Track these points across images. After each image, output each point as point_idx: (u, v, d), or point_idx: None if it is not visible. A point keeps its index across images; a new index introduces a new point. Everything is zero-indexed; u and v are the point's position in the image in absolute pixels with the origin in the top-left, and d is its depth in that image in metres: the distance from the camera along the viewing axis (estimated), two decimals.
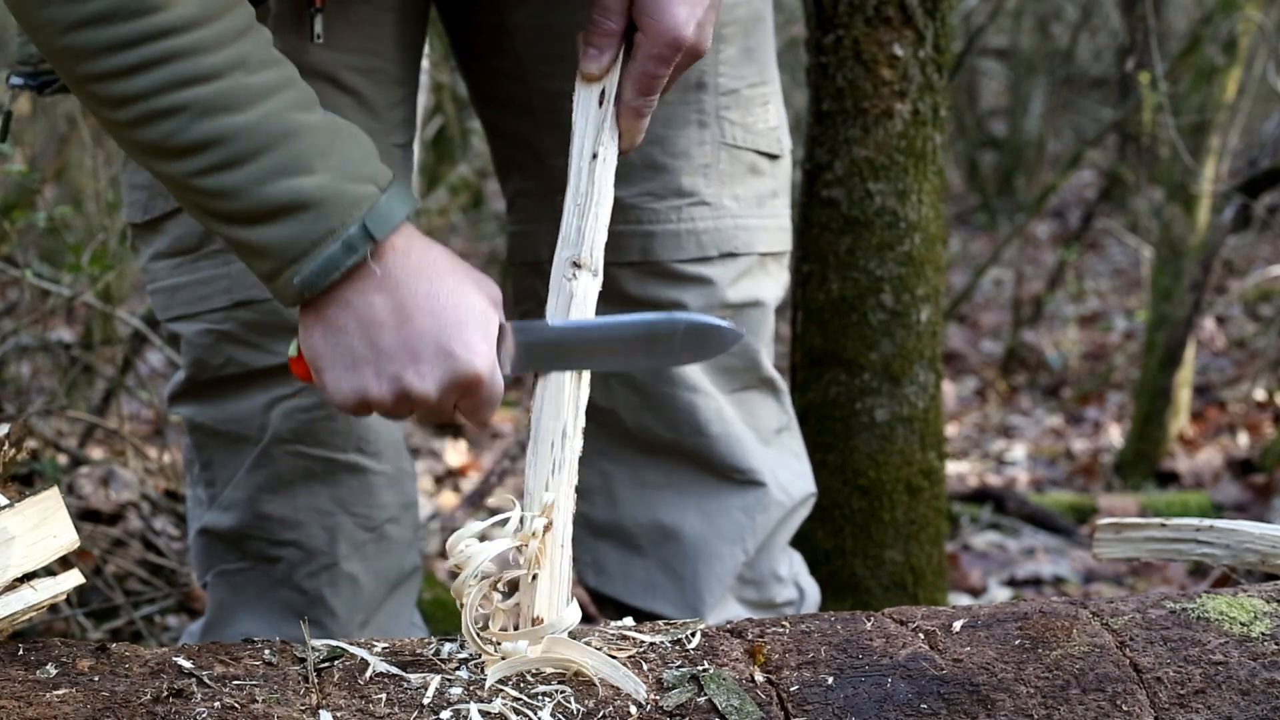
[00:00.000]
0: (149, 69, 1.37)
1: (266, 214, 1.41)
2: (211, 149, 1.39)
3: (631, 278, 1.87)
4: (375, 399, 1.45)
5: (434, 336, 1.43)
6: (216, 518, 1.90)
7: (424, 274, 1.44)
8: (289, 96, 1.42)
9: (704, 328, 1.49)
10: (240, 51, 1.40)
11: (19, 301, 3.52)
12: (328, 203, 1.41)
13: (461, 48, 1.95)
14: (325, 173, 1.41)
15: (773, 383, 1.98)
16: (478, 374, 1.43)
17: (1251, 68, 4.67)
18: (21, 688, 1.26)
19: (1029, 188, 8.33)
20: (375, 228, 1.42)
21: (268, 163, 1.40)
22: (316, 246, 1.41)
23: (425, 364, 1.43)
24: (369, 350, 1.43)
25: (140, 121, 1.39)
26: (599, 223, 1.53)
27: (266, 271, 1.44)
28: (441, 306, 1.43)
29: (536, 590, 1.39)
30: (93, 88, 1.40)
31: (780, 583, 2.01)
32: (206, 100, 1.38)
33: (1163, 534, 1.61)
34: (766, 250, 1.92)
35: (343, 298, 1.44)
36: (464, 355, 1.43)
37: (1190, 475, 4.37)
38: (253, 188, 1.40)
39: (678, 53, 1.53)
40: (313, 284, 1.42)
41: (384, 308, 1.43)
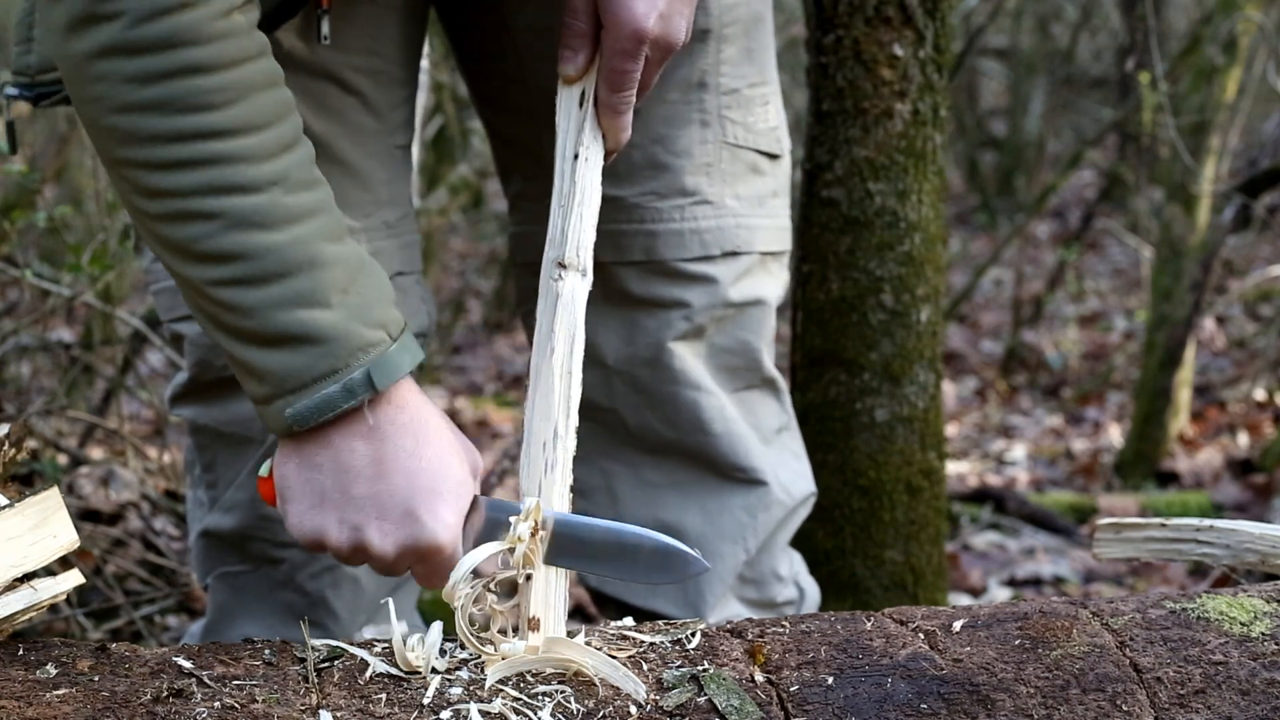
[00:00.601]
0: (191, 168, 1.35)
1: (274, 339, 1.39)
2: (234, 262, 1.37)
3: (635, 277, 1.87)
4: (332, 543, 1.43)
5: (404, 499, 1.41)
6: (218, 519, 1.90)
7: (412, 433, 1.42)
8: (321, 223, 1.40)
9: (668, 551, 1.44)
10: (283, 167, 1.38)
11: (19, 301, 3.52)
12: (336, 341, 1.39)
13: (462, 49, 1.95)
14: (340, 309, 1.39)
15: (774, 382, 1.98)
16: (439, 546, 1.41)
17: (1251, 68, 4.67)
18: (21, 688, 1.26)
19: (1029, 188, 8.34)
20: (378, 377, 1.40)
21: (287, 289, 1.37)
22: (316, 383, 1.39)
23: (389, 523, 1.41)
24: (338, 495, 1.42)
25: (170, 219, 1.37)
26: (584, 223, 1.53)
27: (261, 395, 1.42)
28: (419, 470, 1.41)
29: (531, 591, 1.39)
30: (130, 173, 1.37)
31: (780, 582, 2.01)
32: (241, 212, 1.36)
33: (1163, 534, 1.61)
34: (767, 249, 1.92)
35: (327, 438, 1.42)
36: (430, 524, 1.41)
37: (1190, 475, 4.37)
38: (267, 310, 1.38)
39: (641, 45, 1.53)
40: (303, 419, 1.40)
41: (364, 457, 1.41)
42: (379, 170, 1.80)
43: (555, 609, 1.40)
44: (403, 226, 1.85)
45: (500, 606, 1.39)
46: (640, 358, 1.89)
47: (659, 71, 1.59)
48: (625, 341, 1.90)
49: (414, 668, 1.33)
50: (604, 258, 1.87)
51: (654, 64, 1.57)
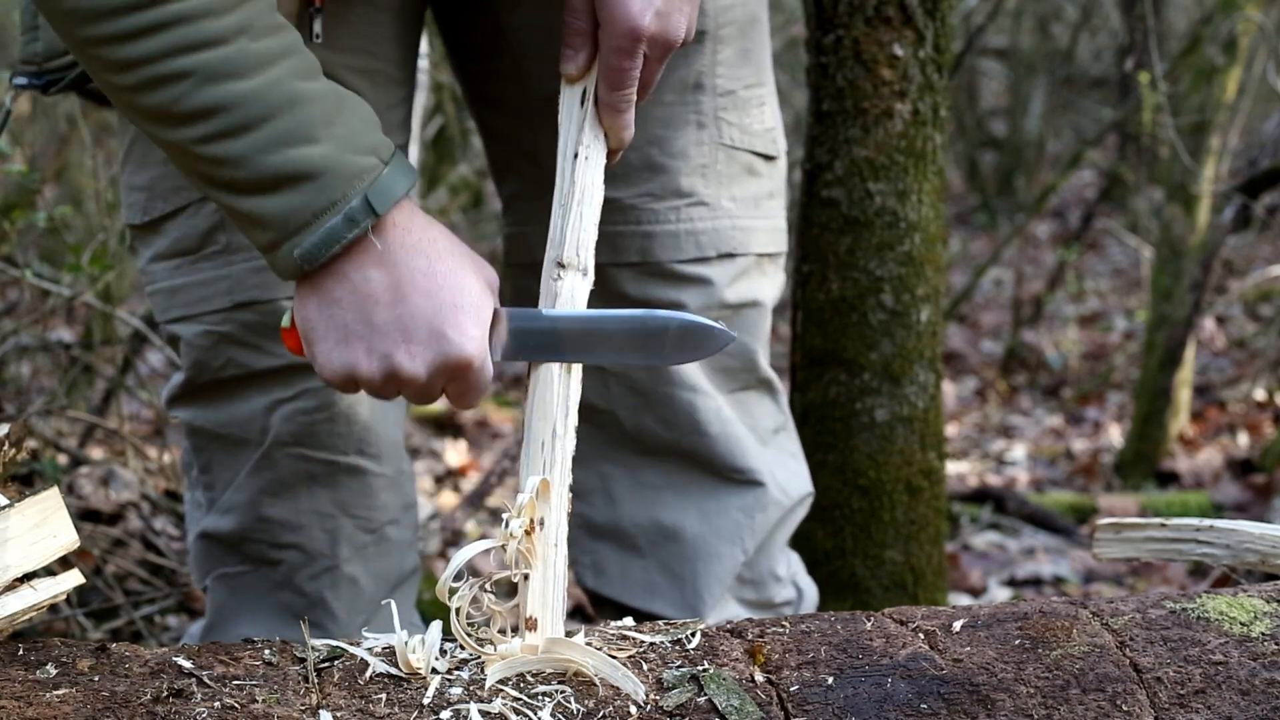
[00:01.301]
0: (154, 33, 1.36)
1: (268, 183, 1.40)
2: (215, 116, 1.38)
3: (630, 278, 1.87)
4: (364, 376, 1.44)
5: (428, 318, 1.42)
6: (216, 521, 1.90)
7: (423, 252, 1.43)
8: (293, 63, 1.41)
9: (696, 327, 1.48)
10: (245, 16, 1.39)
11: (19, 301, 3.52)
12: (330, 174, 1.40)
13: (457, 50, 1.95)
14: (328, 143, 1.40)
15: (770, 383, 1.98)
16: (468, 359, 1.43)
17: (1251, 68, 4.67)
18: (21, 688, 1.26)
19: (1029, 188, 8.34)
20: (377, 201, 1.41)
21: (271, 131, 1.39)
22: (318, 218, 1.40)
23: (417, 344, 1.43)
24: (362, 325, 1.43)
25: (144, 87, 1.38)
26: (584, 222, 1.53)
27: (266, 242, 1.43)
28: (438, 287, 1.43)
29: (529, 590, 1.39)
30: (97, 52, 1.39)
31: (779, 582, 2.01)
32: (211, 66, 1.37)
33: (1163, 534, 1.61)
34: (763, 251, 1.92)
35: (340, 271, 1.43)
36: (456, 339, 1.42)
37: (1190, 475, 4.37)
38: (255, 156, 1.39)
39: (638, 43, 1.53)
40: (313, 256, 1.41)
41: (380, 284, 1.43)
42: None
43: (553, 608, 1.40)
44: None
45: (498, 606, 1.39)
46: None
47: (660, 70, 1.59)
48: None
49: (414, 669, 1.33)
50: (600, 259, 1.86)
51: (654, 62, 1.57)
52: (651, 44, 1.54)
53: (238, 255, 1.78)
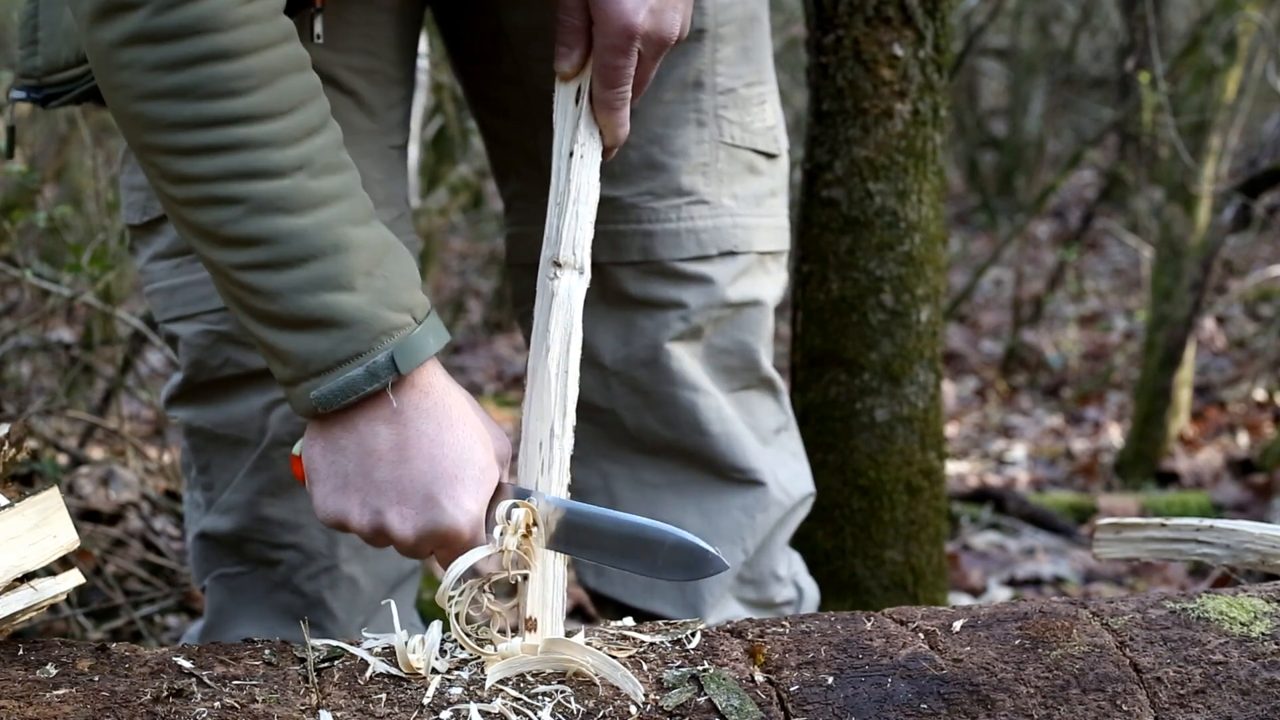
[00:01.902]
0: (215, 154, 1.36)
1: (299, 323, 1.39)
2: (260, 247, 1.38)
3: (632, 277, 1.87)
4: (354, 526, 1.44)
5: (426, 484, 1.41)
6: (215, 521, 1.90)
7: (435, 418, 1.43)
8: (346, 207, 1.40)
9: (691, 549, 1.41)
10: (308, 152, 1.38)
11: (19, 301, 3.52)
12: (360, 325, 1.39)
13: (458, 51, 1.95)
14: (365, 293, 1.39)
15: (772, 382, 1.98)
16: (458, 530, 1.42)
17: (1251, 68, 4.67)
18: (21, 688, 1.26)
19: (1029, 188, 8.34)
20: (402, 360, 1.40)
21: (312, 272, 1.38)
22: (340, 366, 1.40)
23: (409, 508, 1.42)
24: (361, 479, 1.43)
25: (196, 204, 1.38)
26: (580, 221, 1.52)
27: (286, 378, 1.43)
28: (442, 455, 1.42)
29: (528, 591, 1.39)
30: (156, 159, 1.38)
31: (779, 582, 2.01)
32: (266, 197, 1.36)
33: (1163, 534, 1.61)
34: (765, 249, 1.92)
35: (351, 421, 1.43)
36: (450, 510, 1.41)
37: (1190, 475, 4.37)
38: (291, 294, 1.38)
39: (631, 41, 1.52)
40: (328, 402, 1.41)
41: (387, 441, 1.42)
42: (373, 170, 1.80)
43: (553, 609, 1.40)
44: (399, 227, 1.85)
45: (498, 607, 1.39)
46: (637, 358, 1.89)
47: (655, 67, 1.58)
48: (622, 342, 1.89)
49: (414, 669, 1.33)
50: (601, 258, 1.87)
51: (649, 60, 1.56)
52: (646, 41, 1.54)
53: None
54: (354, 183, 1.42)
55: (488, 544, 1.40)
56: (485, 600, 1.38)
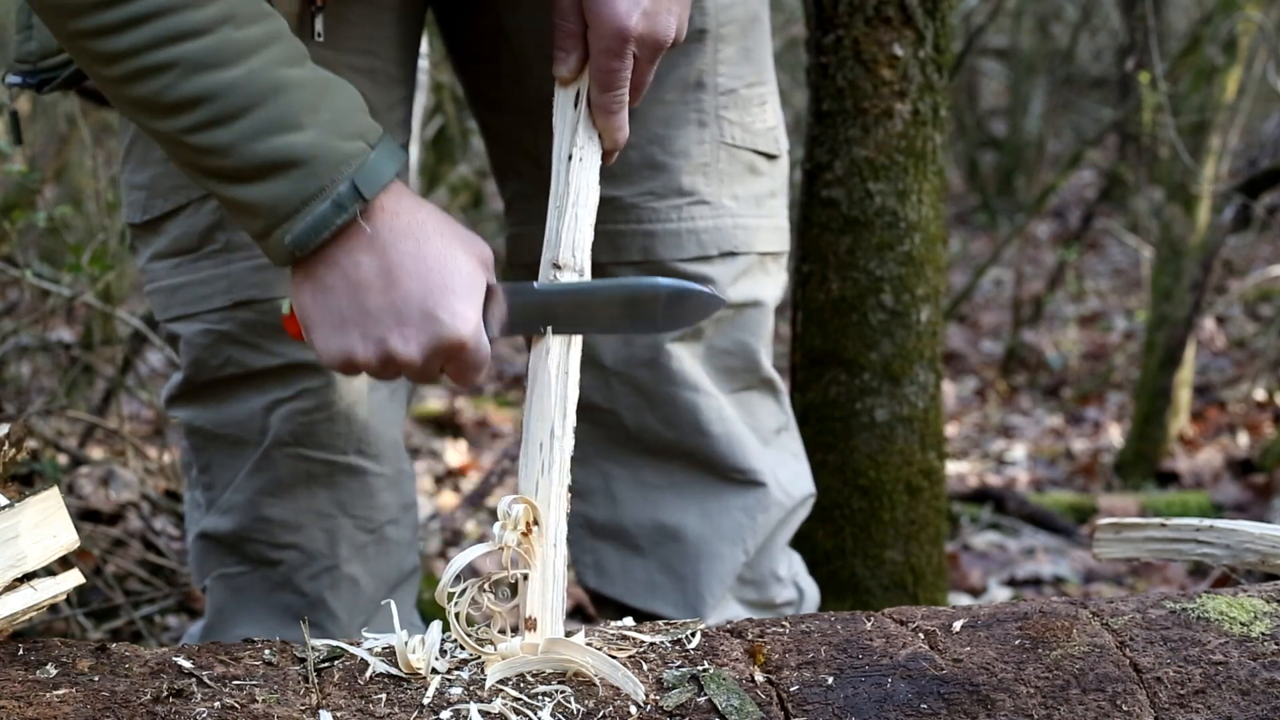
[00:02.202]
0: (137, 25, 1.38)
1: (256, 171, 1.41)
2: (201, 105, 1.40)
3: (632, 277, 1.87)
4: (361, 360, 1.46)
5: (419, 301, 1.43)
6: (215, 521, 1.90)
7: (412, 235, 1.44)
8: (277, 51, 1.42)
9: (686, 292, 1.50)
10: (228, 6, 1.40)
11: (19, 301, 3.52)
12: (317, 160, 1.41)
13: (459, 51, 1.95)
14: (314, 129, 1.41)
15: (772, 383, 1.98)
16: (461, 339, 1.44)
17: (1251, 68, 4.67)
18: (21, 688, 1.26)
19: (1029, 188, 8.34)
20: (364, 186, 1.42)
21: (257, 119, 1.40)
22: (307, 205, 1.42)
23: (410, 328, 1.44)
24: (355, 312, 1.44)
25: (131, 78, 1.40)
26: (579, 223, 1.53)
27: (258, 230, 1.44)
28: (428, 270, 1.44)
29: (529, 591, 1.39)
30: (85, 44, 1.40)
31: (780, 583, 2.01)
32: (195, 56, 1.38)
33: (1163, 534, 1.61)
34: (765, 250, 1.92)
35: (331, 257, 1.44)
36: (448, 320, 1.43)
37: (1190, 475, 4.37)
38: (242, 144, 1.40)
39: (625, 44, 1.53)
40: (303, 243, 1.43)
41: (371, 269, 1.44)
42: None
43: (553, 609, 1.40)
44: None
45: (498, 606, 1.39)
46: (638, 359, 1.89)
47: (652, 70, 1.59)
48: (623, 343, 1.90)
49: (414, 669, 1.33)
50: (602, 259, 1.87)
51: (645, 63, 1.57)
52: (640, 44, 1.54)
53: (237, 254, 1.78)
54: (281, 28, 1.44)
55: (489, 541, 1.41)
56: (485, 600, 1.38)
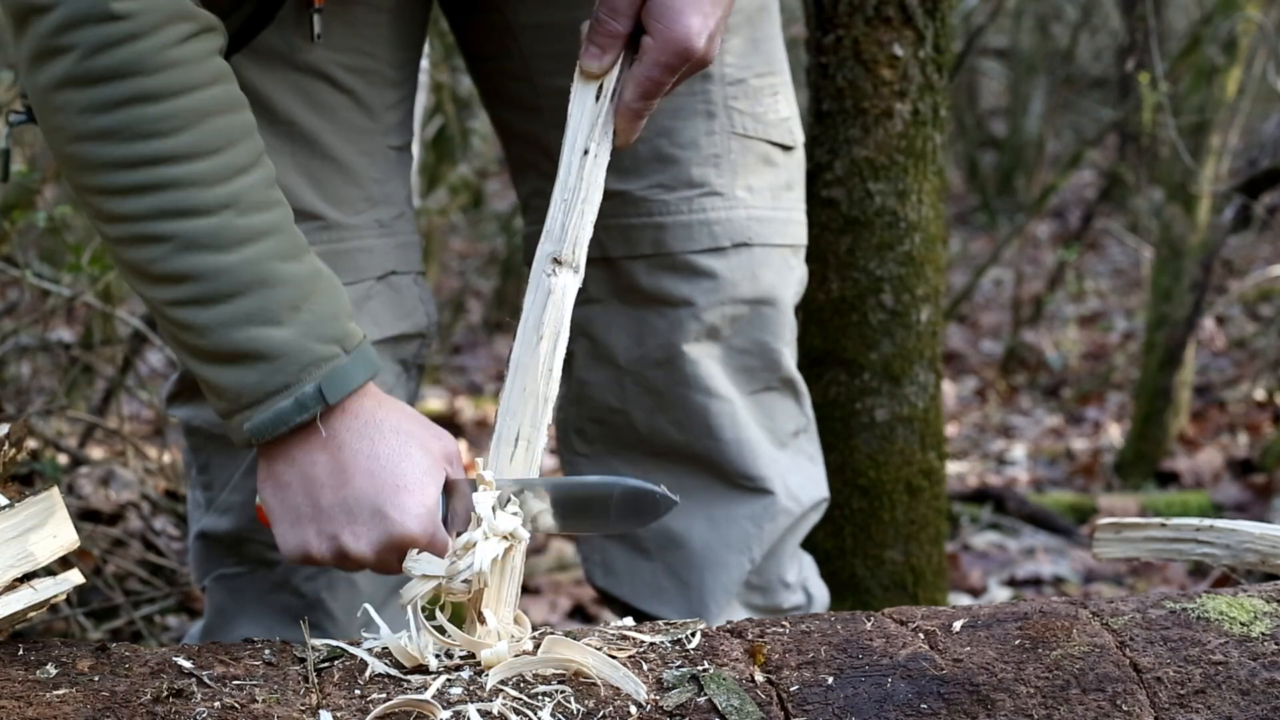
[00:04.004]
0: (143, 193, 1.40)
1: (228, 357, 1.43)
2: (188, 283, 1.42)
3: (644, 270, 1.86)
4: (316, 555, 1.47)
5: (370, 499, 1.44)
6: (214, 521, 1.90)
7: (367, 434, 1.45)
8: (274, 244, 1.43)
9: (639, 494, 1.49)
10: (236, 190, 1.42)
11: (19, 301, 3.52)
12: (288, 358, 1.43)
13: (468, 49, 1.95)
14: (292, 327, 1.43)
15: (793, 383, 1.96)
16: (411, 536, 1.44)
17: (1251, 68, 4.67)
18: (21, 688, 1.26)
19: (1029, 188, 8.34)
20: (329, 390, 1.43)
21: (238, 308, 1.42)
22: (270, 398, 1.43)
23: (360, 525, 1.44)
24: (310, 509, 1.46)
25: (128, 241, 1.42)
26: (584, 220, 1.52)
27: (222, 410, 1.47)
28: (380, 468, 1.44)
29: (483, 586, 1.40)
30: (90, 199, 1.42)
31: (787, 589, 2.00)
32: (193, 235, 1.40)
33: (1163, 534, 1.61)
34: (782, 242, 1.90)
35: (289, 453, 1.46)
36: (398, 519, 1.43)
37: (1190, 475, 4.37)
38: (219, 329, 1.42)
39: (686, 62, 1.54)
40: (261, 433, 1.44)
41: (326, 468, 1.45)
42: (371, 169, 1.80)
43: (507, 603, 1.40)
44: (398, 226, 1.85)
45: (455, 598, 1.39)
46: (651, 359, 1.88)
47: (683, 82, 1.59)
48: (636, 342, 1.89)
49: (416, 662, 1.33)
50: (614, 252, 1.86)
51: (684, 76, 1.57)
52: (694, 63, 1.55)
53: None
54: (284, 219, 1.46)
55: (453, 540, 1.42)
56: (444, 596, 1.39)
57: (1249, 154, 4.76)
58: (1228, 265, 6.69)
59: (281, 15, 1.68)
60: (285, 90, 1.72)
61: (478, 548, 1.38)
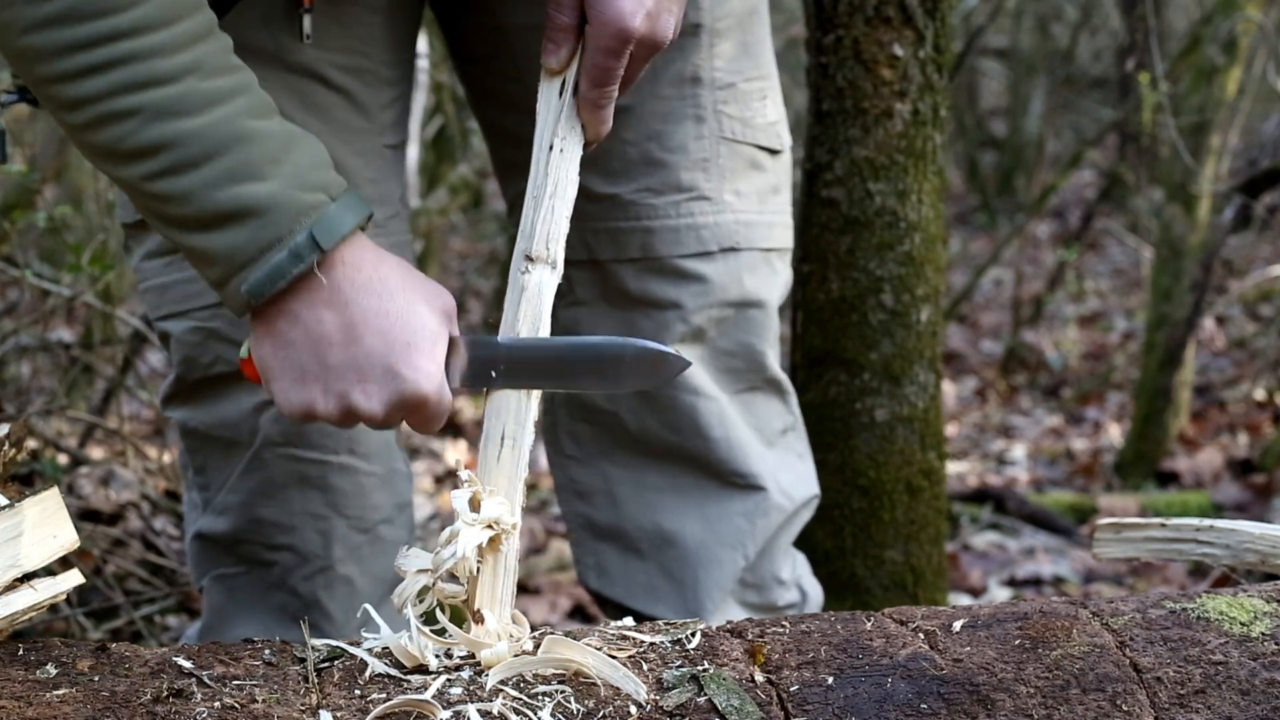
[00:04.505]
0: (103, 71, 1.37)
1: (215, 220, 1.41)
2: (162, 153, 1.39)
3: (631, 274, 1.87)
4: (321, 413, 1.45)
5: (381, 357, 1.43)
6: (211, 522, 1.90)
7: (373, 290, 1.44)
8: (243, 102, 1.42)
9: (651, 354, 1.48)
10: (196, 56, 1.39)
11: (19, 301, 3.52)
12: (276, 210, 1.40)
13: (459, 50, 1.95)
14: (276, 180, 1.41)
15: (778, 383, 1.97)
16: (424, 395, 1.43)
17: (1251, 68, 4.67)
18: (21, 688, 1.26)
19: (1029, 188, 8.34)
20: (322, 236, 1.41)
21: (218, 168, 1.39)
22: (264, 254, 1.41)
23: (372, 384, 1.43)
24: (317, 366, 1.44)
25: (94, 124, 1.39)
26: (555, 215, 1.52)
27: (215, 278, 1.44)
28: (390, 325, 1.43)
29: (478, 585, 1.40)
30: (50, 90, 1.40)
31: (782, 586, 2.00)
32: (159, 104, 1.38)
33: (1163, 534, 1.61)
34: (769, 246, 1.90)
35: (291, 310, 1.44)
36: (410, 377, 1.43)
37: (1190, 475, 4.37)
38: (202, 193, 1.40)
39: (626, 44, 1.53)
40: (259, 292, 1.42)
41: (333, 324, 1.43)
42: (365, 169, 1.80)
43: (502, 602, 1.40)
44: (392, 226, 1.85)
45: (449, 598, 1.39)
46: None
47: (644, 68, 1.58)
48: None
49: (417, 661, 1.33)
50: (602, 255, 1.87)
51: (639, 61, 1.56)
52: (639, 44, 1.54)
53: None
54: (249, 81, 1.44)
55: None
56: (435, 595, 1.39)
57: (1249, 154, 4.75)
58: (1228, 265, 6.69)
59: (272, 15, 1.68)
60: (278, 91, 1.71)
61: (461, 535, 1.38)
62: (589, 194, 1.83)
